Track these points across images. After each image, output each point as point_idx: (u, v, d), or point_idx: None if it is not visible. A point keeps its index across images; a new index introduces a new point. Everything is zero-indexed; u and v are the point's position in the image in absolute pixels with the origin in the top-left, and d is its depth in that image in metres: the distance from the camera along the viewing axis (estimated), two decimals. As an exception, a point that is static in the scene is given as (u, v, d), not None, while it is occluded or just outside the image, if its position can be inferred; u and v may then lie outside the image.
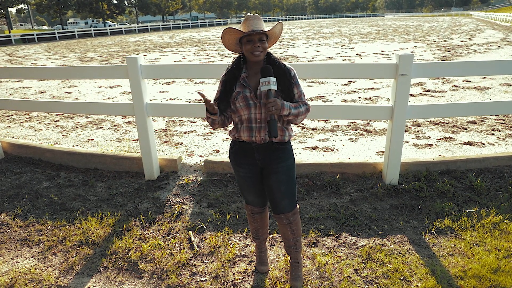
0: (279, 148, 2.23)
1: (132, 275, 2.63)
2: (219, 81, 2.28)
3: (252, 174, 2.29)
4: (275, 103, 2.00)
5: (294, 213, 2.33)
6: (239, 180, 2.37)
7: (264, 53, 2.12)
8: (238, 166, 2.31)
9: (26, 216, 3.43)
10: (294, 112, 2.12)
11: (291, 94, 2.17)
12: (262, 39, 2.09)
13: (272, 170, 2.24)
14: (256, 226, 2.53)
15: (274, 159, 2.23)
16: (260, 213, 2.47)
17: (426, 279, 2.46)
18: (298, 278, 2.44)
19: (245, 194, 2.43)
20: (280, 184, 2.24)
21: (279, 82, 2.12)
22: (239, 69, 2.21)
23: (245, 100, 2.15)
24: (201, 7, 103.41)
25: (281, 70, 2.17)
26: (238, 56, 2.24)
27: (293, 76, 2.19)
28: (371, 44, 18.76)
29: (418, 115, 3.61)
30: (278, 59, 2.23)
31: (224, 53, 17.18)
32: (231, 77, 2.20)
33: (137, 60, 3.59)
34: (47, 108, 4.37)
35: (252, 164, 2.27)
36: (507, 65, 3.44)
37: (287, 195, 2.27)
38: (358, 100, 7.41)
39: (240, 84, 2.18)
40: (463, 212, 3.20)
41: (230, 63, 2.27)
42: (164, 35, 38.14)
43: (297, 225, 2.36)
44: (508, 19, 35.99)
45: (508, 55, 13.15)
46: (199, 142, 5.31)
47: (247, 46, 2.08)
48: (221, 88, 2.23)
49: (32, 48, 28.79)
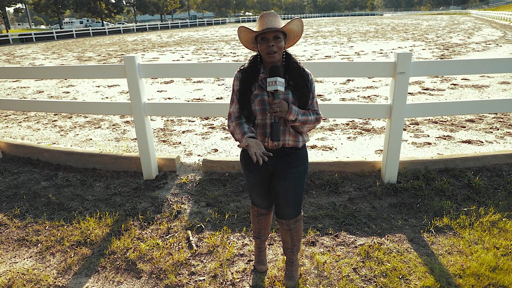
0: (292, 153, 2.13)
1: (131, 275, 2.62)
2: (234, 79, 2.14)
3: (262, 179, 2.23)
4: (280, 104, 1.89)
5: (296, 221, 2.29)
6: (248, 183, 2.31)
7: (280, 53, 1.97)
8: (248, 171, 2.23)
9: (24, 216, 3.42)
10: (301, 118, 1.99)
11: (307, 101, 2.04)
12: (277, 37, 1.93)
13: (282, 175, 2.16)
14: (260, 226, 2.50)
15: (285, 165, 2.15)
16: (266, 214, 2.44)
17: (424, 278, 2.46)
18: (291, 277, 2.43)
19: (253, 197, 2.38)
20: (287, 191, 2.18)
21: (296, 87, 2.00)
22: (257, 68, 2.06)
23: (262, 105, 2.02)
24: (199, 6, 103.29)
25: (300, 74, 2.03)
26: (256, 54, 2.09)
27: (310, 81, 2.06)
28: (369, 43, 18.76)
29: (416, 113, 3.61)
30: (298, 62, 2.08)
31: (222, 52, 17.16)
32: (249, 77, 2.06)
33: (135, 59, 3.58)
34: (45, 108, 4.36)
35: (263, 169, 2.18)
36: (506, 63, 3.44)
37: (292, 202, 2.22)
38: (356, 98, 7.41)
39: (258, 85, 2.04)
40: (461, 210, 3.20)
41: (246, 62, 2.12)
42: (163, 34, 38.07)
43: (297, 232, 2.33)
44: (506, 17, 36.02)
45: (506, 53, 13.16)
46: (197, 141, 5.30)
47: (262, 46, 1.95)
48: (239, 88, 2.08)
49: (30, 47, 28.71)
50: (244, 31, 1.99)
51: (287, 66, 2.04)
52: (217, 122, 6.22)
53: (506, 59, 3.43)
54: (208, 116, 5.25)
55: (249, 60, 2.11)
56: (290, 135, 2.10)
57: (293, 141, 2.11)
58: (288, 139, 2.10)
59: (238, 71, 2.12)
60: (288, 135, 2.09)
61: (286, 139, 2.09)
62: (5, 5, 53.84)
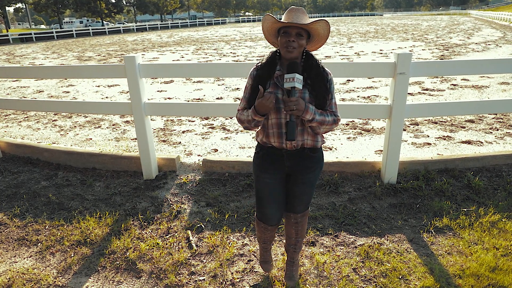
0: (311, 156, 2.07)
1: (131, 274, 2.62)
2: (249, 76, 2.06)
3: (277, 181, 2.13)
4: (297, 102, 1.80)
5: (303, 215, 2.29)
6: (259, 188, 2.18)
7: (299, 50, 1.89)
8: (263, 172, 2.13)
9: (24, 216, 3.42)
10: (318, 118, 1.90)
11: (325, 102, 1.97)
12: (300, 34, 1.85)
13: (300, 179, 2.12)
14: (265, 238, 2.41)
15: (303, 169, 2.09)
16: (273, 230, 2.35)
17: (424, 278, 2.46)
18: (292, 277, 2.43)
19: (262, 207, 2.23)
20: (304, 194, 2.18)
21: (314, 86, 1.94)
22: (274, 65, 1.98)
23: (276, 103, 1.94)
24: (199, 6, 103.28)
25: (319, 73, 1.96)
26: (275, 50, 2.02)
27: (329, 81, 1.99)
28: (369, 43, 18.77)
29: (416, 113, 3.62)
30: (319, 61, 2.00)
31: (222, 53, 17.16)
32: (265, 73, 1.98)
33: (135, 59, 3.58)
34: (45, 107, 4.36)
35: (279, 170, 2.11)
36: (505, 63, 3.44)
37: (305, 201, 2.23)
38: (356, 99, 7.41)
39: (273, 83, 1.97)
40: (461, 210, 3.21)
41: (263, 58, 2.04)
42: (163, 34, 38.07)
43: (302, 226, 2.34)
44: (506, 18, 36.04)
45: (506, 54, 13.17)
46: (197, 141, 5.30)
47: (282, 39, 1.87)
48: (252, 84, 2.01)
49: (30, 47, 28.70)
50: (269, 20, 1.91)
51: (306, 65, 1.97)
52: (217, 122, 6.22)
53: (506, 60, 3.44)
54: (208, 116, 5.26)
55: (267, 56, 2.03)
56: (309, 135, 2.03)
57: (312, 140, 2.04)
58: (307, 139, 2.03)
59: (254, 68, 2.05)
60: (306, 134, 2.02)
61: (305, 139, 2.03)
62: (5, 5, 53.82)
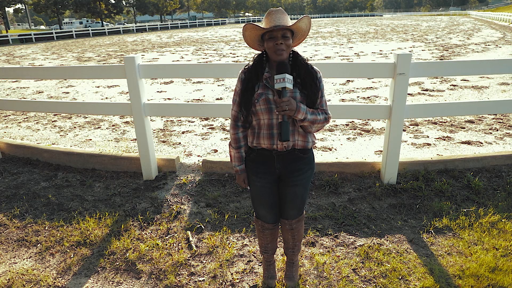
0: (301, 157, 2.06)
1: (130, 275, 2.62)
2: (237, 79, 2.07)
3: (269, 184, 2.12)
4: (289, 102, 1.81)
5: (298, 220, 2.28)
6: (253, 190, 2.19)
7: (288, 51, 1.90)
8: (254, 175, 2.13)
9: (23, 217, 3.41)
10: (310, 118, 1.91)
11: (316, 100, 1.98)
12: (285, 36, 1.86)
13: (291, 182, 2.11)
14: (266, 241, 2.38)
15: (294, 171, 2.08)
16: (271, 229, 2.32)
17: (424, 278, 2.46)
18: (291, 277, 2.43)
19: (257, 207, 2.26)
20: (295, 197, 2.16)
21: (305, 85, 1.94)
22: (261, 67, 1.99)
23: (267, 104, 1.94)
24: (199, 7, 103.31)
25: (308, 72, 1.96)
26: (260, 53, 2.01)
27: (319, 79, 1.99)
28: (369, 44, 18.78)
29: (416, 114, 3.62)
30: (306, 59, 2.01)
31: (222, 53, 17.16)
32: (253, 76, 1.98)
33: (135, 59, 3.58)
34: (44, 108, 4.36)
35: (270, 173, 2.10)
36: (505, 64, 3.44)
37: (298, 205, 2.21)
38: (356, 99, 7.41)
39: (262, 85, 1.97)
40: (461, 211, 3.21)
41: (251, 60, 2.04)
42: (162, 35, 38.08)
43: (299, 231, 2.33)
44: (506, 18, 36.06)
45: (506, 54, 13.17)
46: (197, 142, 5.30)
47: (269, 44, 1.87)
48: (241, 88, 2.01)
49: (30, 48, 28.70)
50: (251, 29, 1.90)
51: (294, 64, 1.97)
52: (216, 122, 6.22)
53: (505, 60, 3.44)
54: (208, 116, 5.24)
55: (253, 58, 2.03)
56: (300, 135, 2.02)
57: (303, 141, 2.04)
58: (298, 140, 2.03)
59: (242, 72, 2.04)
60: (297, 135, 2.02)
61: (296, 140, 2.02)
62: (4, 6, 53.82)
